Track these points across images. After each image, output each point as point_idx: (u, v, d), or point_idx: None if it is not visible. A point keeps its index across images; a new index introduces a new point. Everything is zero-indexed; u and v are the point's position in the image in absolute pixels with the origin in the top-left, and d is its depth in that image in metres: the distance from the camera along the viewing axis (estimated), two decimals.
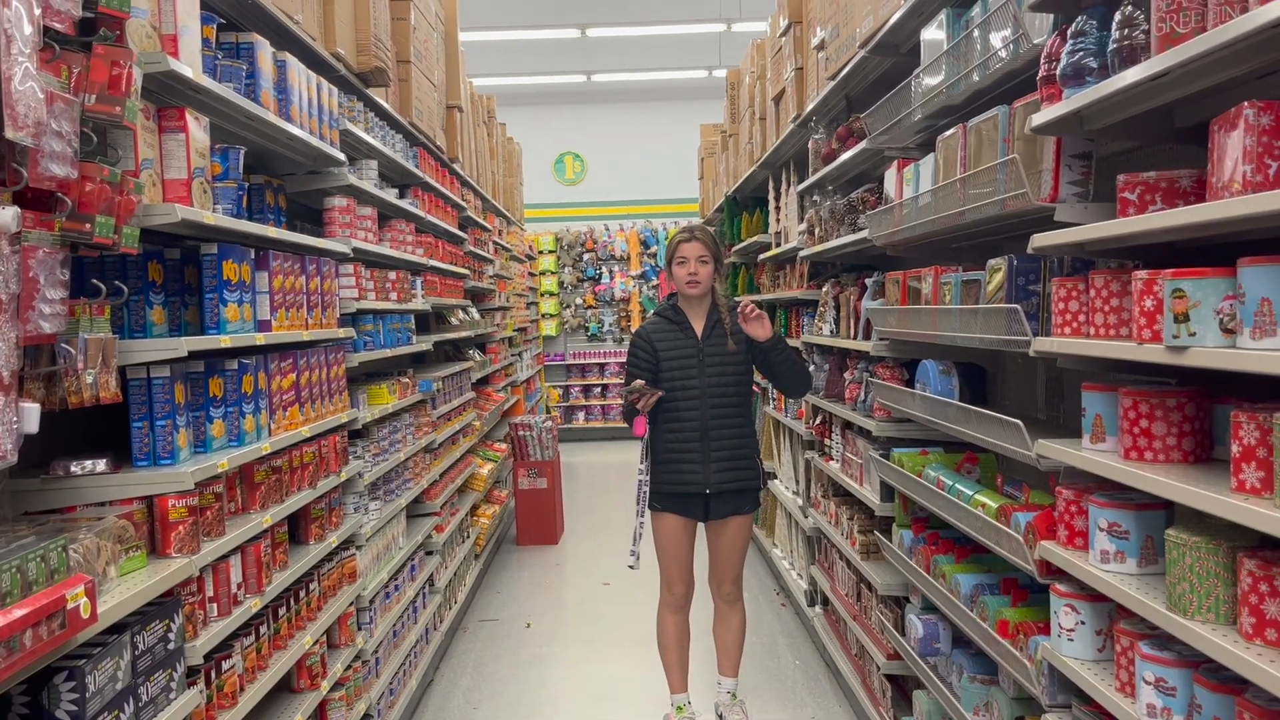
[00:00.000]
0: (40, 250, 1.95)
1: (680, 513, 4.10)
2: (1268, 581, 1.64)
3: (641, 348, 4.15)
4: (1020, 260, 2.61)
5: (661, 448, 4.08)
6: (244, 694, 2.69)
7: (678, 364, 4.05)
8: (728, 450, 4.04)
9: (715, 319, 4.11)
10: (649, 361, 4.09)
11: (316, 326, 3.35)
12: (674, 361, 4.06)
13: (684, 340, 4.09)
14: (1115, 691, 2.09)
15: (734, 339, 4.06)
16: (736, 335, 4.07)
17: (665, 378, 4.03)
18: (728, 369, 4.06)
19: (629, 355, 4.21)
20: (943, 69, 3.08)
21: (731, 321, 4.07)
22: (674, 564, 4.18)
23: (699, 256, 4.04)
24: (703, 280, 4.06)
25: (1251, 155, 1.60)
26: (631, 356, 4.18)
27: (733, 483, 4.05)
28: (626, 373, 4.19)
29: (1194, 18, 1.81)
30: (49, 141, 1.92)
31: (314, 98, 3.49)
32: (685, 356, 4.07)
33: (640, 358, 4.13)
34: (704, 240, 4.07)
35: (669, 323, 4.15)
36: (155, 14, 2.42)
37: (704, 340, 4.08)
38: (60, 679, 1.89)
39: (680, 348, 4.08)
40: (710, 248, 4.07)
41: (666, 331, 4.12)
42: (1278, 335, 1.58)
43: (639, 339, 4.19)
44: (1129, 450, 2.06)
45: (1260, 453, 1.64)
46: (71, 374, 2.09)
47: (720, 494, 4.05)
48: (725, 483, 4.04)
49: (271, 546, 2.93)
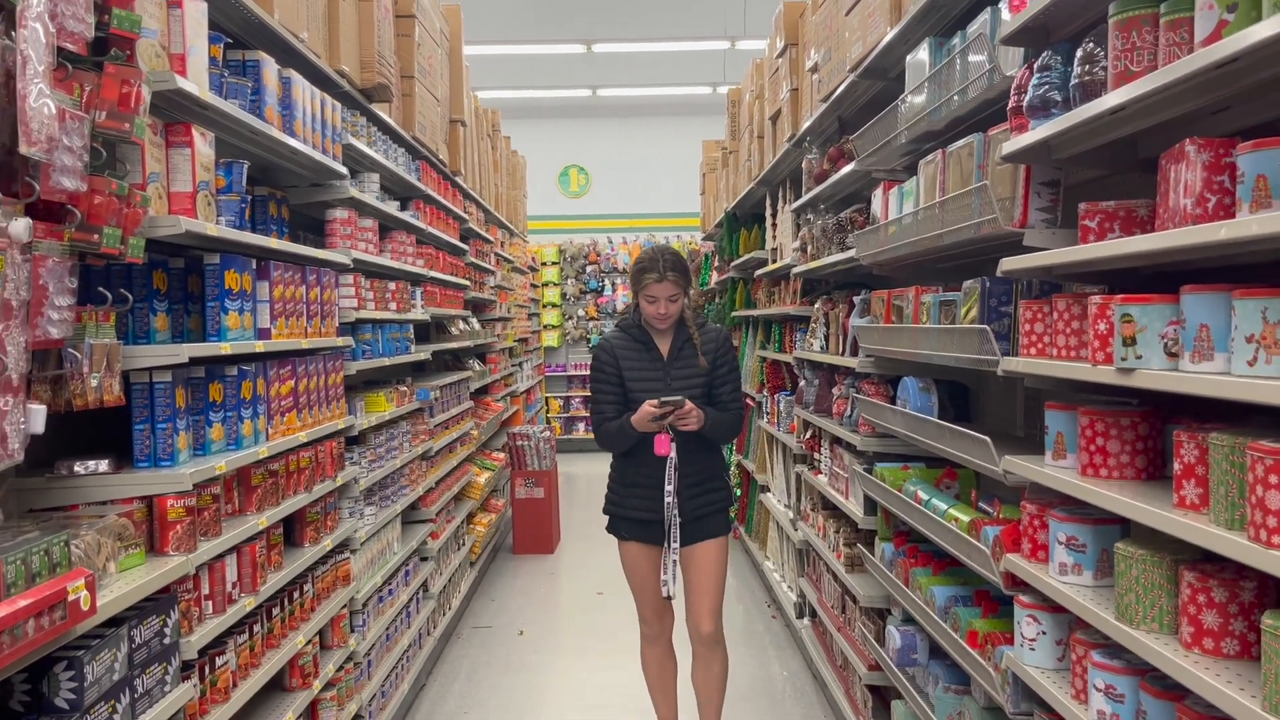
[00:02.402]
0: (50, 259, 2.05)
1: (644, 540, 3.86)
2: (1205, 593, 1.73)
3: (607, 363, 3.88)
4: (993, 283, 2.70)
5: (629, 471, 3.87)
6: (236, 690, 2.78)
7: (642, 386, 3.81)
8: (696, 475, 3.82)
9: (685, 338, 3.88)
10: (615, 379, 3.86)
11: (316, 335, 3.45)
12: (639, 384, 3.82)
13: (648, 361, 3.85)
14: (1070, 699, 2.17)
15: (704, 355, 3.85)
16: (708, 352, 3.87)
17: (631, 400, 3.80)
18: (696, 390, 3.82)
19: (592, 370, 3.95)
20: (925, 95, 3.18)
21: (703, 339, 3.87)
22: (643, 593, 3.95)
23: (669, 296, 3.77)
24: (672, 316, 3.82)
25: (1192, 190, 1.70)
26: (596, 372, 3.92)
27: (702, 508, 3.84)
28: (591, 388, 3.97)
29: (1146, 57, 1.90)
30: (60, 156, 2.03)
31: (317, 113, 3.60)
32: (651, 379, 3.83)
33: (606, 374, 3.88)
34: (674, 279, 3.76)
35: (633, 341, 3.89)
36: (164, 34, 2.53)
37: (670, 361, 3.86)
38: (60, 668, 1.98)
39: (645, 369, 3.85)
40: (681, 283, 3.78)
41: (630, 351, 3.88)
42: (1215, 359, 1.67)
43: (603, 353, 3.92)
44: (1085, 467, 2.15)
45: (1199, 470, 1.73)
46: (77, 377, 2.19)
47: (693, 520, 3.82)
48: (695, 509, 3.82)
49: (267, 548, 3.03)
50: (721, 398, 3.87)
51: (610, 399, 3.85)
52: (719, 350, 3.89)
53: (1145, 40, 1.91)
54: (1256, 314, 1.55)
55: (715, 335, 3.92)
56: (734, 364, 3.95)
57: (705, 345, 3.87)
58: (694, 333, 3.88)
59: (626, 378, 3.83)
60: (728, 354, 3.92)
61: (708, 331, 3.91)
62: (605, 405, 3.86)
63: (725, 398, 3.88)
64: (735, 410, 3.90)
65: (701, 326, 3.92)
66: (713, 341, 3.89)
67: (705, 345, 3.87)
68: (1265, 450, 1.49)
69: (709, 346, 3.87)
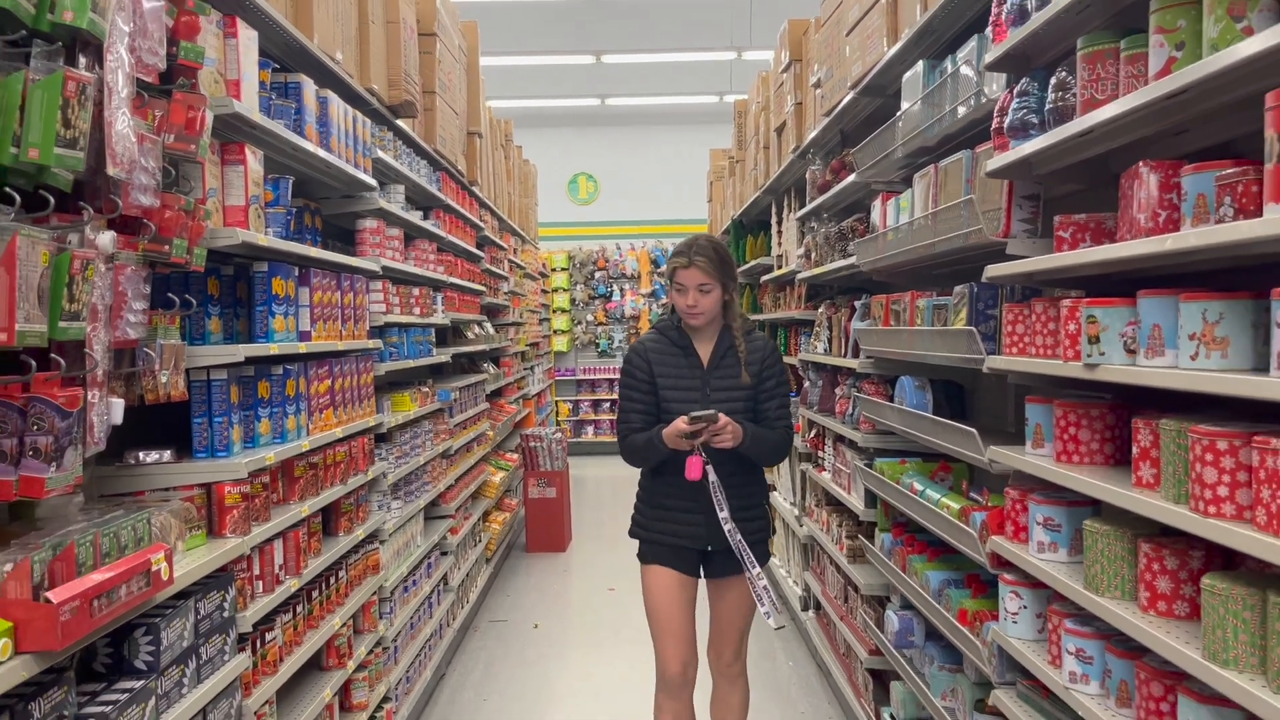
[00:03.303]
0: (128, 268, 2.29)
1: (675, 567, 3.44)
2: (1159, 561, 1.96)
3: (639, 367, 3.47)
4: (980, 288, 2.93)
5: (657, 492, 3.47)
6: (283, 663, 3.01)
7: (678, 395, 3.40)
8: (736, 500, 3.38)
9: (728, 344, 3.46)
10: (645, 386, 3.44)
11: (349, 337, 3.69)
12: (674, 393, 3.41)
13: (686, 368, 3.43)
14: (1047, 664, 2.39)
15: (748, 370, 3.43)
16: (752, 365, 3.44)
17: (664, 411, 3.40)
18: (737, 404, 3.40)
19: (622, 374, 3.53)
20: (919, 113, 3.41)
21: (748, 350, 3.45)
22: (668, 632, 3.45)
23: (699, 285, 3.36)
24: (705, 310, 3.39)
25: (1145, 206, 1.93)
26: (626, 377, 3.51)
27: (744, 536, 3.36)
28: (620, 393, 3.56)
29: (1110, 86, 2.13)
30: (138, 176, 2.26)
31: (350, 129, 3.85)
32: (688, 388, 3.42)
33: (636, 379, 3.47)
34: (703, 266, 3.35)
35: (670, 345, 3.48)
36: (221, 62, 2.77)
37: (710, 370, 3.44)
38: (139, 633, 2.22)
39: (682, 376, 3.43)
40: (713, 271, 3.36)
41: (667, 354, 3.46)
42: (1165, 355, 1.90)
43: (635, 356, 3.50)
44: (1060, 454, 2.38)
45: (1153, 453, 1.95)
46: (149, 374, 2.43)
47: (725, 549, 3.37)
48: (735, 534, 3.35)
49: (308, 535, 3.26)
50: (768, 413, 3.45)
51: (639, 407, 3.43)
52: (766, 361, 3.47)
53: (1109, 71, 2.13)
54: (1198, 315, 1.78)
55: (762, 345, 3.51)
56: (783, 377, 3.51)
57: (751, 355, 3.45)
58: (739, 340, 3.45)
59: (660, 384, 3.42)
60: (775, 365, 3.50)
61: (754, 340, 3.50)
62: (633, 414, 3.44)
63: (772, 414, 3.46)
64: (783, 428, 3.48)
65: (749, 335, 3.50)
66: (759, 352, 3.47)
67: (751, 355, 3.45)
68: (1203, 433, 1.72)
69: (754, 357, 3.45)
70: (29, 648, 1.73)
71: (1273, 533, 1.56)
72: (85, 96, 1.99)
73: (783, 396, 3.50)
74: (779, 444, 3.48)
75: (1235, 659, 1.67)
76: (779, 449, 3.49)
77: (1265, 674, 1.62)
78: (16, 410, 1.89)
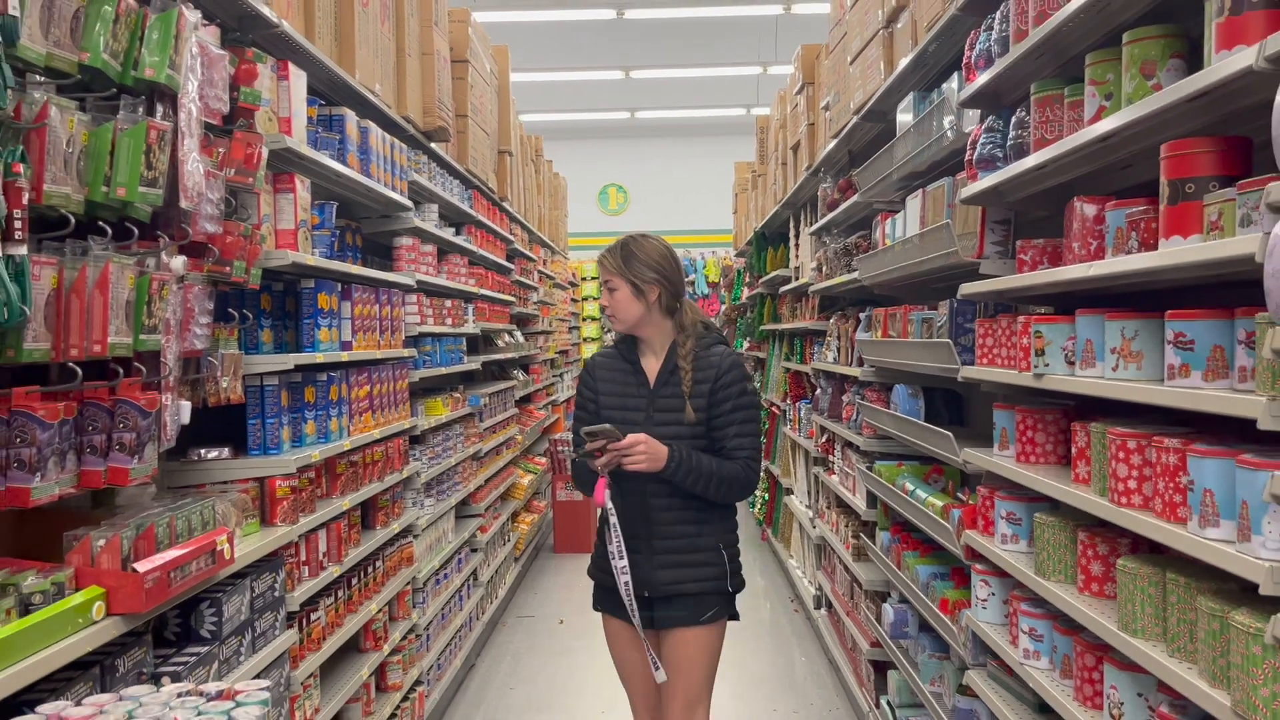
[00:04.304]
0: (195, 287, 2.62)
1: (620, 616, 3.06)
2: (1092, 548, 2.23)
3: (587, 385, 3.13)
4: (960, 303, 3.20)
5: (601, 531, 3.05)
6: (326, 642, 3.33)
7: (622, 416, 2.97)
8: (677, 541, 2.95)
9: (674, 362, 3.00)
10: (592, 406, 3.08)
11: (387, 347, 4.02)
12: (618, 413, 2.98)
13: (633, 385, 3.03)
14: (1008, 644, 2.66)
15: (696, 389, 2.95)
16: (703, 384, 2.95)
17: None
18: (684, 428, 2.94)
19: (577, 393, 3.18)
20: (910, 142, 3.69)
21: (699, 367, 2.97)
22: (629, 687, 3.16)
23: (605, 282, 3.02)
24: (616, 311, 3.01)
25: (1078, 235, 2.20)
26: (578, 397, 3.17)
27: (680, 584, 2.94)
28: (575, 416, 3.16)
29: (1057, 128, 2.41)
30: (204, 207, 2.59)
31: (388, 155, 4.18)
32: (633, 408, 3.00)
33: (584, 398, 3.12)
34: (607, 262, 3.01)
35: (621, 360, 3.09)
36: (275, 102, 3.11)
37: (657, 389, 2.99)
38: (204, 606, 2.55)
39: (628, 396, 3.02)
40: (618, 269, 2.98)
41: (615, 372, 3.08)
42: (1096, 366, 2.17)
43: (585, 374, 3.16)
44: (1020, 455, 2.65)
45: (1087, 453, 2.22)
46: (212, 380, 2.76)
47: (663, 599, 2.97)
48: (671, 584, 2.94)
49: (348, 527, 3.59)
50: (724, 442, 2.94)
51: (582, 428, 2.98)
52: (721, 380, 2.95)
53: (1056, 114, 2.41)
54: (1118, 332, 2.05)
55: (719, 361, 2.98)
56: (743, 399, 2.96)
57: (701, 374, 2.96)
58: (684, 357, 2.98)
59: (603, 404, 3.04)
60: (732, 385, 2.95)
61: (711, 356, 2.99)
62: (576, 435, 3.00)
63: (728, 442, 2.93)
64: (743, 459, 2.93)
65: (709, 349, 3.01)
66: (713, 369, 2.96)
67: (701, 374, 2.96)
68: (1116, 434, 1.99)
69: (705, 374, 2.95)
70: (118, 610, 2.05)
71: (1166, 519, 1.83)
72: (164, 142, 2.32)
73: (742, 423, 2.94)
74: (730, 478, 2.90)
75: (1143, 629, 1.93)
76: (731, 484, 2.91)
77: (1165, 640, 1.89)
78: (105, 410, 2.22)
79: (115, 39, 2.21)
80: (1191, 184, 1.75)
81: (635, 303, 2.99)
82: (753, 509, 9.45)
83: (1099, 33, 2.33)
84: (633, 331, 3.04)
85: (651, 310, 3.00)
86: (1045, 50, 2.45)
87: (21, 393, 2.00)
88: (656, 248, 3.05)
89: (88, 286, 2.10)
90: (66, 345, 2.06)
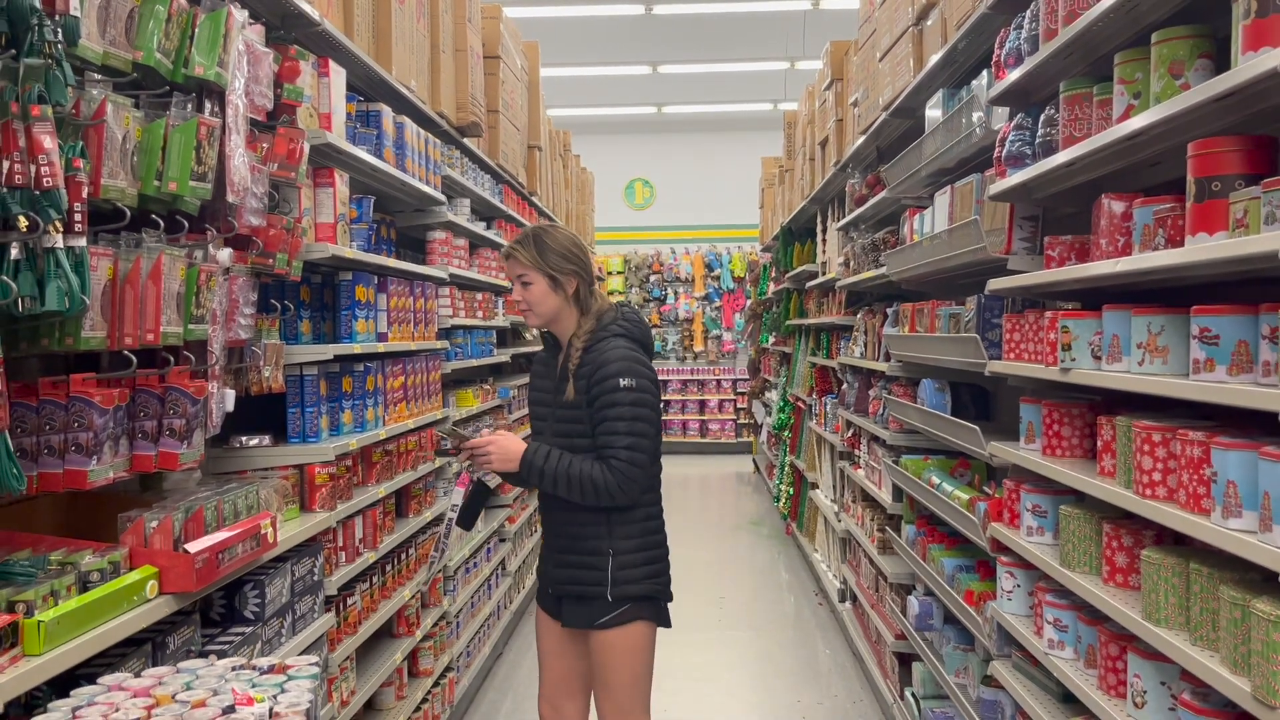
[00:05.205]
0: (240, 279, 2.69)
1: (549, 612, 3.07)
2: (1117, 539, 2.26)
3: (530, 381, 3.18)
4: (987, 299, 3.23)
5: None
6: (361, 626, 3.41)
7: (537, 411, 3.05)
8: (563, 540, 2.93)
9: (568, 356, 2.93)
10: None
11: (420, 339, 4.10)
12: (535, 408, 3.07)
13: (549, 379, 3.00)
14: (1033, 635, 2.70)
15: (576, 383, 2.86)
16: (581, 377, 2.85)
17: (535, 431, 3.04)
18: (574, 424, 2.87)
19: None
20: (939, 139, 3.72)
21: (584, 359, 2.86)
22: (542, 672, 3.14)
23: (518, 276, 2.91)
24: (532, 306, 2.91)
25: (1106, 232, 2.23)
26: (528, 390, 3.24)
27: (569, 585, 2.92)
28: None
29: (1085, 126, 2.44)
30: (249, 200, 2.67)
31: (422, 150, 4.25)
32: (545, 403, 3.00)
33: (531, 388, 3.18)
34: (519, 255, 2.89)
35: (547, 355, 3.06)
36: (315, 98, 3.18)
37: (558, 384, 2.94)
38: (248, 588, 2.62)
39: (545, 390, 3.02)
40: (533, 262, 2.87)
41: (541, 365, 3.09)
42: (1122, 361, 2.20)
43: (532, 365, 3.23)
44: (1046, 448, 2.68)
45: (1113, 446, 2.25)
46: (254, 369, 2.84)
47: (564, 597, 2.96)
48: (563, 583, 2.94)
49: (383, 514, 3.67)
50: (598, 439, 2.82)
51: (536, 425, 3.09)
52: (596, 374, 2.82)
53: (1085, 112, 2.44)
54: (1144, 327, 2.08)
55: (597, 355, 2.85)
56: (614, 396, 2.78)
57: (581, 369, 2.86)
58: (575, 349, 2.89)
59: (529, 397, 3.12)
60: (606, 380, 2.80)
61: (598, 349, 2.86)
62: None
63: (599, 440, 2.82)
64: (611, 460, 2.77)
65: (600, 341, 2.88)
66: (590, 364, 2.84)
67: (581, 369, 2.86)
68: (1142, 427, 2.03)
69: (586, 369, 2.85)
70: (170, 589, 2.13)
71: (1189, 510, 1.86)
72: (213, 138, 2.40)
73: (612, 420, 2.78)
74: (587, 481, 2.77)
75: (1166, 618, 1.97)
76: (589, 488, 2.77)
77: (1188, 629, 1.93)
78: (156, 397, 2.30)
79: (167, 38, 2.29)
80: (1218, 182, 1.79)
81: (552, 295, 2.89)
82: (777, 503, 9.49)
83: (1128, 32, 2.36)
84: (549, 326, 2.97)
85: (570, 303, 2.91)
86: (1075, 49, 2.48)
87: (79, 379, 2.08)
88: (569, 236, 2.97)
89: (141, 277, 2.17)
90: (121, 334, 2.14)
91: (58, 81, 1.86)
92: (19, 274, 1.81)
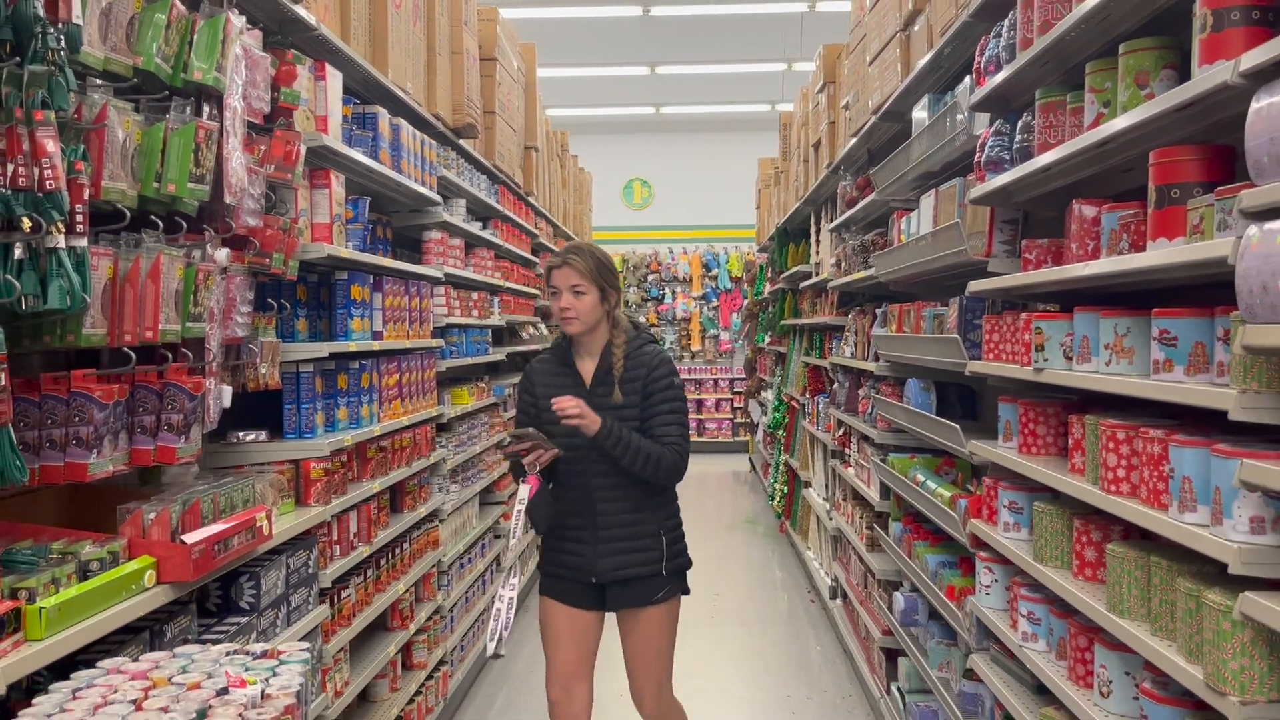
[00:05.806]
0: (237, 278, 2.76)
1: (567, 602, 3.31)
2: (1086, 534, 2.33)
3: (527, 390, 3.35)
4: (969, 300, 3.30)
5: (554, 521, 3.27)
6: (355, 618, 3.48)
7: (559, 417, 3.13)
8: (619, 529, 3.21)
9: (609, 363, 3.23)
10: (532, 410, 3.30)
11: (416, 337, 4.17)
12: (555, 414, 3.14)
13: (571, 388, 3.22)
14: (1009, 628, 2.77)
15: (628, 387, 3.19)
16: (634, 382, 3.20)
17: (548, 434, 3.18)
18: (628, 423, 3.18)
19: (518, 399, 3.45)
20: (924, 143, 3.79)
21: (630, 366, 3.21)
22: (550, 661, 3.39)
23: (573, 286, 3.16)
24: (580, 315, 3.17)
25: (1077, 236, 2.30)
26: (519, 401, 3.43)
27: (625, 569, 3.21)
28: (516, 421, 3.46)
29: (1059, 133, 2.51)
30: (246, 201, 2.74)
31: (418, 151, 4.32)
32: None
33: (524, 402, 3.37)
34: (578, 265, 3.16)
35: (558, 364, 3.32)
36: (312, 101, 3.25)
37: (593, 388, 3.22)
38: (243, 579, 2.69)
39: (561, 387, 3.24)
40: (590, 273, 3.16)
41: (552, 375, 3.30)
42: (1092, 361, 2.27)
43: (524, 379, 3.40)
44: (1022, 446, 2.75)
45: (1084, 444, 2.32)
46: (251, 366, 2.91)
47: (614, 583, 3.25)
48: (617, 569, 3.21)
49: (378, 509, 3.74)
50: (653, 430, 3.18)
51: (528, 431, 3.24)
52: (651, 376, 3.21)
53: (1059, 119, 2.51)
54: (1111, 329, 2.15)
55: (649, 360, 3.24)
56: (670, 393, 3.22)
57: (630, 373, 3.21)
58: (617, 358, 3.22)
59: (541, 406, 3.23)
60: (660, 380, 3.22)
61: (641, 356, 3.24)
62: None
63: (657, 431, 3.18)
64: (671, 445, 3.18)
65: (640, 349, 3.25)
66: (643, 368, 3.21)
67: (630, 373, 3.21)
68: (1108, 425, 2.10)
69: (637, 373, 3.21)
70: (167, 579, 2.20)
71: (1150, 505, 1.93)
72: (211, 141, 2.47)
73: (668, 414, 3.20)
74: (658, 456, 3.14)
75: (1129, 610, 2.04)
76: (658, 463, 3.14)
77: (1149, 620, 2.00)
78: (155, 393, 2.37)
79: (167, 43, 2.36)
80: (1177, 189, 1.86)
81: (599, 306, 3.21)
82: (771, 501, 9.57)
83: (1099, 42, 2.43)
84: (583, 333, 3.23)
85: (606, 315, 3.25)
86: (1049, 58, 2.55)
87: (80, 375, 2.15)
88: (608, 255, 3.34)
89: (140, 276, 2.24)
90: (120, 331, 2.21)
91: (60, 87, 1.93)
92: (22, 273, 1.88)
